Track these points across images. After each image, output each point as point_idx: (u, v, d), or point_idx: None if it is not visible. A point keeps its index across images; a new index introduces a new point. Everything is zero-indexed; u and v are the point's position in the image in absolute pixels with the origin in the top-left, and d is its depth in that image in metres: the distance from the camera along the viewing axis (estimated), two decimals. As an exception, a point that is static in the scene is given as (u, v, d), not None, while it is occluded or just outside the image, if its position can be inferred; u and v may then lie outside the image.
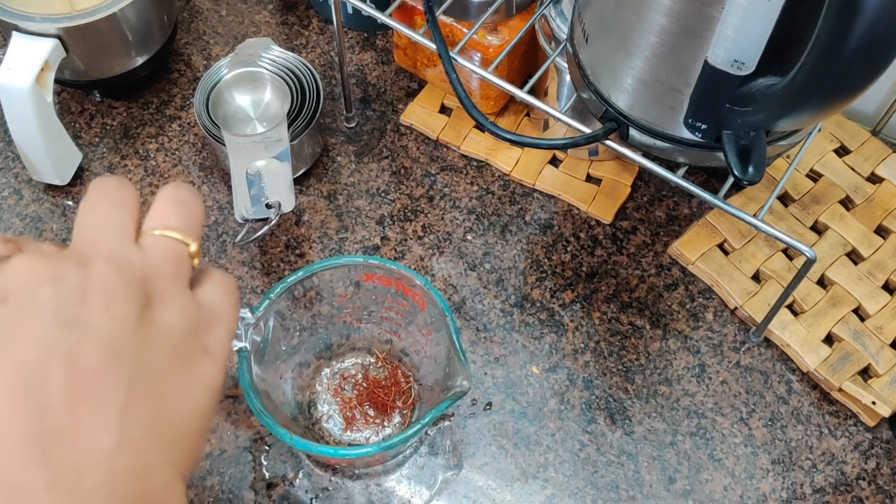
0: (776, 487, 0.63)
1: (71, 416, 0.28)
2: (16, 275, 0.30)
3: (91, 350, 0.29)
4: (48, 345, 0.29)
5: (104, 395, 0.29)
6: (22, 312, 0.29)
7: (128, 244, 0.32)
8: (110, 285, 0.30)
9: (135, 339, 0.30)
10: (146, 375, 0.30)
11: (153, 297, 0.31)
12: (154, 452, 0.30)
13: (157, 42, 0.77)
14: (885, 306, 0.68)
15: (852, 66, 0.41)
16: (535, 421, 0.65)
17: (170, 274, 0.33)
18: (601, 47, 0.54)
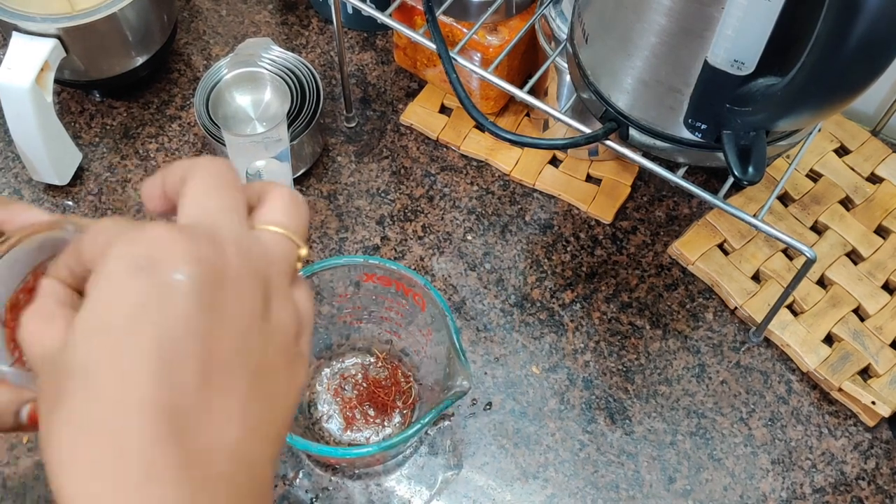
0: (776, 487, 0.63)
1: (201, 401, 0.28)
2: (160, 246, 0.28)
3: (225, 339, 0.29)
4: (189, 323, 0.28)
5: (231, 385, 0.29)
6: (166, 287, 0.28)
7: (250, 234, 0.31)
8: (242, 276, 0.29)
9: (258, 335, 0.30)
10: (264, 372, 0.30)
11: (272, 294, 0.31)
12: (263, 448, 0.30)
13: (157, 42, 0.77)
14: (885, 306, 0.68)
15: (852, 66, 0.41)
16: (535, 421, 0.65)
17: (285, 274, 0.32)
18: (601, 47, 0.54)
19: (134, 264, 0.28)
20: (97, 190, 0.75)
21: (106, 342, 0.28)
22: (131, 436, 0.27)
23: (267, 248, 0.31)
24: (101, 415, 0.27)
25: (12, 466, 0.63)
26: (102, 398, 0.27)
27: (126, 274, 0.28)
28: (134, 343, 0.27)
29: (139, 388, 0.27)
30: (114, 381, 0.27)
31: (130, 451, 0.27)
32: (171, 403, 0.27)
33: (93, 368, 0.28)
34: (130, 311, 0.28)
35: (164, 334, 0.28)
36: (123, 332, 0.28)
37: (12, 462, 0.63)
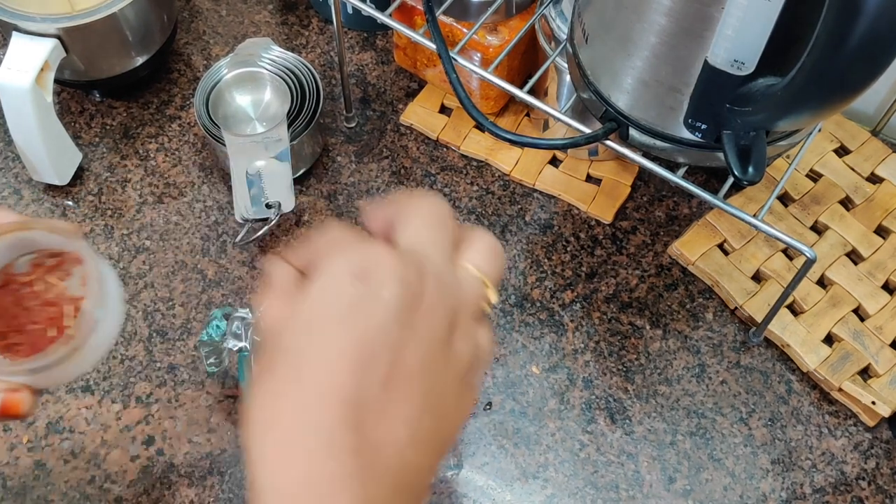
0: (776, 487, 0.63)
1: (382, 401, 0.32)
2: (380, 263, 0.33)
3: (412, 353, 0.32)
4: (386, 334, 0.32)
5: (410, 393, 0.32)
6: (375, 298, 0.32)
7: (451, 271, 0.35)
8: (436, 305, 0.33)
9: (440, 358, 0.34)
10: (437, 391, 0.34)
11: (457, 326, 0.34)
12: (428, 458, 0.34)
13: (156, 42, 0.77)
14: (885, 306, 0.68)
15: (852, 66, 0.41)
16: (535, 421, 0.65)
17: (472, 312, 0.36)
18: (601, 47, 0.54)
19: (354, 272, 0.33)
20: (97, 190, 0.75)
21: (318, 331, 0.32)
22: (321, 414, 0.31)
23: (461, 286, 0.35)
24: (300, 391, 0.31)
25: (12, 466, 0.63)
26: (304, 377, 0.32)
27: (347, 278, 0.33)
28: (341, 337, 0.32)
29: (336, 377, 0.31)
30: (317, 365, 0.32)
31: (318, 426, 0.31)
32: (357, 396, 0.31)
33: (303, 351, 0.32)
34: (344, 311, 0.32)
35: (365, 337, 0.32)
36: (334, 327, 0.32)
37: (12, 462, 0.63)
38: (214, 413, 0.65)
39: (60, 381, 0.45)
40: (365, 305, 0.32)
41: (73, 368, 0.42)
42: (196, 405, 0.66)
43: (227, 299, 0.70)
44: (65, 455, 0.64)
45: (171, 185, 0.76)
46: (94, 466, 0.63)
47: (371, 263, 0.33)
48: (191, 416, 0.65)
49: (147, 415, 0.65)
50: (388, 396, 0.32)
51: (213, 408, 0.65)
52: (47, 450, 0.64)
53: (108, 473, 0.63)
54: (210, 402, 0.66)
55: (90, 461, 0.63)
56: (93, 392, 0.66)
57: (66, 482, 0.63)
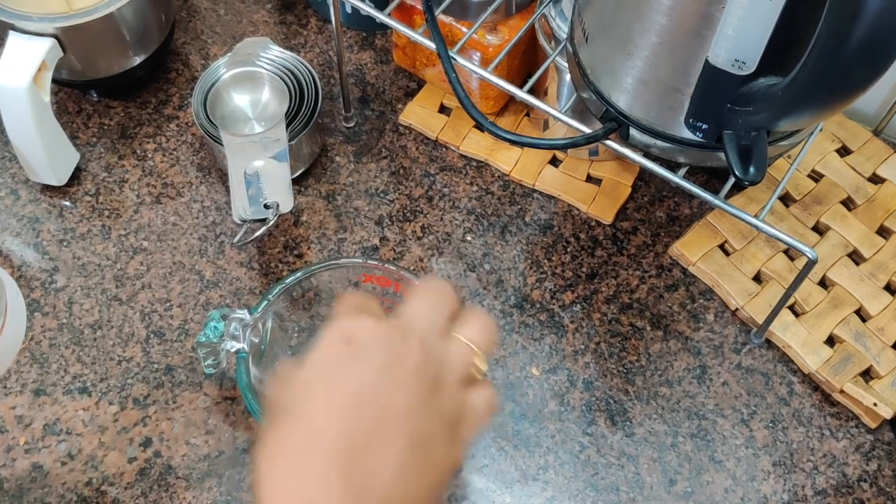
0: (777, 489, 0.63)
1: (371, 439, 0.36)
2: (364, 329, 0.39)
3: (396, 402, 0.38)
4: (369, 389, 0.38)
5: (396, 436, 0.37)
6: (361, 357, 0.38)
7: (438, 337, 0.41)
8: (419, 364, 0.39)
9: (423, 406, 0.38)
10: (423, 435, 0.38)
11: (441, 383, 0.40)
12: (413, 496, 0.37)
13: (154, 42, 0.77)
14: (887, 307, 0.68)
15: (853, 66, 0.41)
16: (534, 422, 0.65)
17: (457, 372, 0.41)
18: (601, 47, 0.54)
19: (342, 337, 0.39)
20: (94, 190, 0.75)
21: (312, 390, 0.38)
22: (316, 460, 0.36)
23: (449, 351, 0.41)
24: (300, 431, 0.37)
25: (9, 468, 0.63)
26: (301, 430, 0.37)
27: (336, 343, 0.39)
28: (329, 394, 0.38)
29: (328, 428, 0.37)
30: (311, 419, 0.37)
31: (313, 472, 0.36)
32: (346, 444, 0.36)
33: (297, 405, 0.38)
34: (333, 367, 0.39)
35: (353, 388, 0.38)
36: (323, 385, 0.38)
37: (9, 464, 0.63)
38: (212, 415, 0.65)
39: None
40: (353, 363, 0.38)
41: None
42: (194, 407, 0.65)
43: (225, 300, 0.70)
44: (62, 457, 0.63)
45: (168, 185, 0.75)
46: (92, 468, 0.63)
47: (359, 330, 0.39)
48: (188, 418, 0.65)
49: (144, 416, 0.65)
50: (374, 443, 0.36)
51: (211, 409, 0.65)
52: (44, 452, 0.63)
53: (105, 475, 0.63)
54: (208, 404, 0.65)
55: (87, 463, 0.63)
56: (90, 394, 0.66)
57: (63, 484, 0.62)
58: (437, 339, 0.41)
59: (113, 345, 0.68)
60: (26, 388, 0.66)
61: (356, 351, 0.39)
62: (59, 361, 0.67)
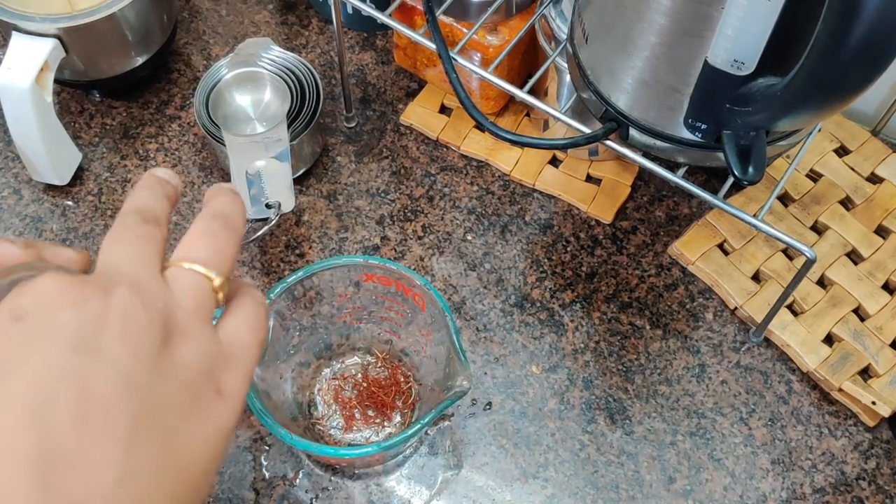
0: (776, 487, 0.63)
1: (75, 445, 0.27)
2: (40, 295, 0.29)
3: (103, 379, 0.28)
4: (60, 369, 0.28)
5: (111, 426, 0.28)
6: (38, 333, 0.28)
7: (152, 275, 0.32)
8: (131, 315, 0.29)
9: (149, 372, 0.29)
10: (155, 411, 0.29)
11: (173, 331, 0.31)
12: (156, 490, 0.29)
13: (156, 42, 0.77)
14: (885, 306, 0.68)
15: (852, 67, 0.41)
16: (535, 421, 0.65)
17: (191, 309, 0.32)
18: (601, 47, 0.54)
19: (12, 314, 0.29)
20: (97, 190, 0.75)
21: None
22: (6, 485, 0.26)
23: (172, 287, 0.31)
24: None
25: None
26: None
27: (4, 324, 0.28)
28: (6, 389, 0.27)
29: (11, 436, 0.27)
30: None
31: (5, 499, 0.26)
32: (41, 451, 0.27)
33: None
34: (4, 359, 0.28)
35: (35, 379, 0.27)
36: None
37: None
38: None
39: None
40: (29, 346, 0.28)
41: None
42: (196, 405, 0.65)
43: (227, 299, 0.70)
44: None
45: (170, 185, 0.76)
46: (94, 466, 0.63)
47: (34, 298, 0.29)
48: (191, 417, 0.65)
49: (147, 415, 0.65)
50: (83, 439, 0.27)
51: None
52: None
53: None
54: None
55: (90, 461, 0.63)
56: (93, 392, 0.66)
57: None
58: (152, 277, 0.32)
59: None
60: (29, 386, 0.66)
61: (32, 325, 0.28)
62: (62, 360, 0.67)
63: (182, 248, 0.33)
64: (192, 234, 0.34)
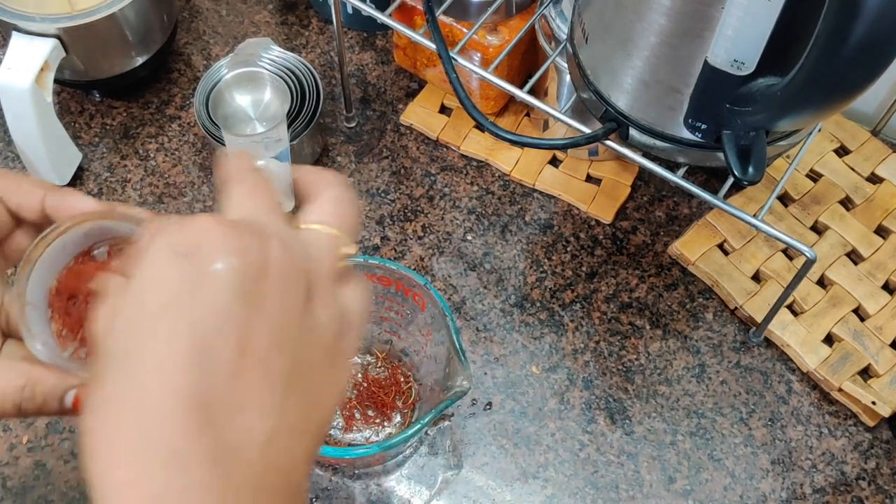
0: (776, 487, 0.63)
1: (232, 394, 0.28)
2: (202, 232, 0.29)
3: (260, 330, 0.28)
4: (224, 315, 0.28)
5: (266, 379, 0.28)
6: (204, 275, 0.28)
7: (293, 234, 0.32)
8: (285, 271, 0.29)
9: (299, 329, 0.30)
10: (302, 368, 0.30)
11: (314, 292, 0.31)
12: (299, 447, 0.30)
13: (156, 42, 0.77)
14: (885, 306, 0.68)
15: (852, 67, 0.41)
16: (535, 421, 0.65)
17: (327, 272, 0.32)
18: (601, 47, 0.54)
19: (175, 251, 0.28)
20: (97, 190, 0.75)
21: (143, 328, 0.28)
22: (160, 424, 0.27)
23: (309, 247, 0.32)
24: (133, 400, 0.27)
25: (12, 467, 0.63)
26: (136, 384, 0.28)
27: (167, 260, 0.28)
28: (169, 330, 0.28)
29: (171, 376, 0.27)
30: (148, 367, 0.28)
31: (159, 438, 0.27)
32: (202, 393, 0.27)
33: (130, 353, 0.28)
34: (168, 297, 0.28)
35: (199, 323, 0.28)
36: (159, 319, 0.28)
37: (12, 462, 0.63)
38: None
39: None
40: (194, 286, 0.28)
41: None
42: (196, 405, 0.65)
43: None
44: (65, 455, 0.64)
45: (170, 185, 0.76)
46: (94, 466, 0.63)
47: (197, 237, 0.29)
48: (191, 417, 0.65)
49: (147, 415, 0.65)
50: (239, 387, 0.28)
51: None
52: (47, 450, 0.64)
53: (107, 473, 0.63)
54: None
55: (90, 461, 0.63)
56: (93, 392, 0.66)
57: (65, 482, 0.62)
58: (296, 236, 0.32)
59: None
60: (29, 386, 0.66)
61: (199, 265, 0.28)
62: (62, 360, 0.67)
63: (315, 211, 0.33)
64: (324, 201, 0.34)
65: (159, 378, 0.27)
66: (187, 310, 0.28)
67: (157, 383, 0.27)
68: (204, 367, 0.27)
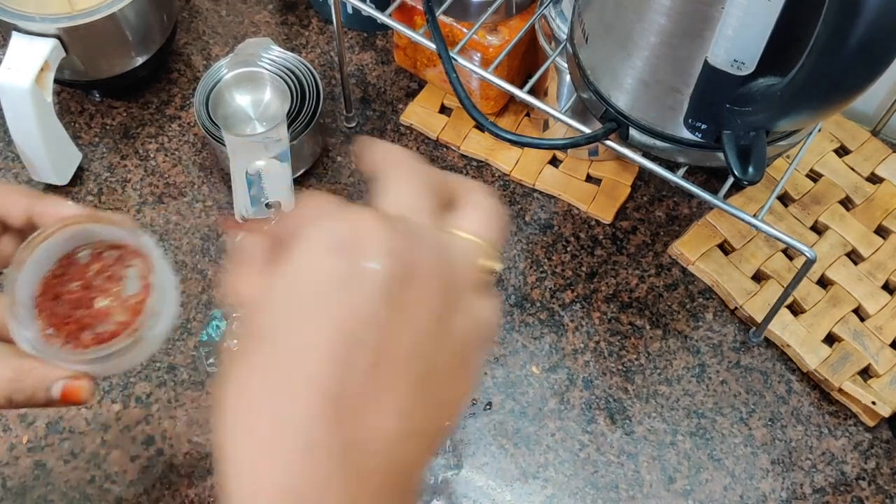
0: (776, 487, 0.63)
1: (368, 393, 0.28)
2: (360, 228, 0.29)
3: (402, 336, 0.29)
4: (370, 316, 0.28)
5: (399, 383, 0.29)
6: (355, 274, 0.29)
7: (444, 239, 0.32)
8: (432, 277, 0.30)
9: (435, 336, 0.30)
10: (432, 375, 0.30)
11: (454, 302, 0.31)
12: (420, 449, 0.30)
13: (156, 42, 0.77)
14: (885, 306, 0.68)
15: (852, 67, 0.41)
16: (535, 421, 0.65)
17: (468, 282, 0.32)
18: (601, 47, 0.54)
19: (334, 243, 0.29)
20: (97, 190, 0.75)
21: (294, 316, 0.29)
22: (301, 411, 0.28)
23: (457, 256, 0.31)
24: (277, 385, 0.28)
25: (12, 466, 0.63)
26: (281, 370, 0.28)
27: (325, 250, 0.29)
28: (318, 319, 0.28)
29: (315, 367, 0.28)
30: (292, 351, 0.28)
31: (297, 425, 0.28)
32: (340, 389, 0.28)
33: (278, 339, 0.29)
34: (322, 287, 0.29)
35: (347, 317, 0.28)
36: (311, 307, 0.29)
37: (12, 462, 0.63)
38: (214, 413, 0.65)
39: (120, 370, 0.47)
40: (348, 282, 0.28)
41: (134, 358, 0.44)
42: (196, 405, 0.66)
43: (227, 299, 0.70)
44: (65, 455, 0.64)
45: (170, 185, 0.76)
46: (95, 467, 0.63)
47: (354, 232, 0.29)
48: (191, 417, 0.65)
49: (147, 415, 0.65)
50: (374, 387, 0.28)
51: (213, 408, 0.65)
52: (47, 450, 0.64)
53: (108, 474, 0.63)
54: (210, 403, 0.66)
55: (90, 461, 0.63)
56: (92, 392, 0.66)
57: (66, 482, 0.62)
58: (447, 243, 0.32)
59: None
60: (29, 386, 0.66)
61: (353, 262, 0.29)
62: (62, 360, 0.67)
63: (467, 219, 0.33)
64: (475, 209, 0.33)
65: (303, 369, 0.28)
66: (336, 305, 0.28)
67: (300, 373, 0.28)
68: (345, 364, 0.28)
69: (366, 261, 0.29)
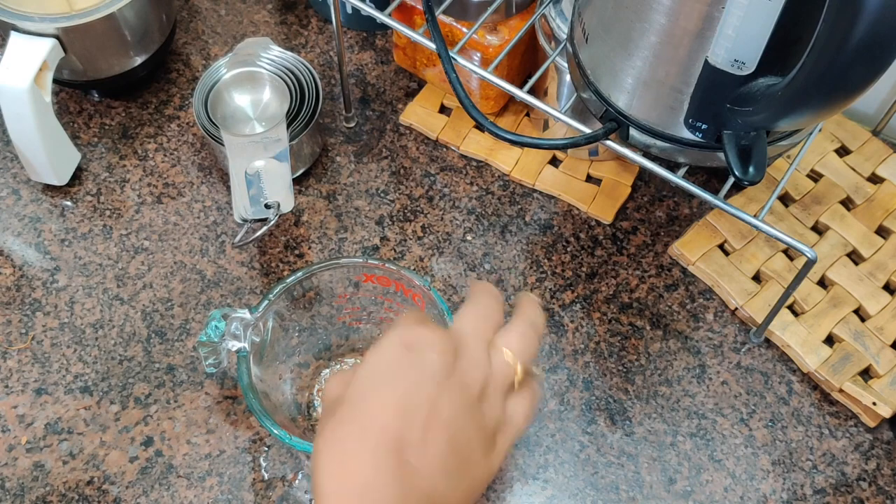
0: (777, 488, 0.63)
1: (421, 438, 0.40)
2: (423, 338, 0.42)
3: (445, 406, 0.41)
4: (425, 390, 0.41)
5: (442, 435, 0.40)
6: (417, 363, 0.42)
7: (485, 351, 0.44)
8: (466, 375, 0.42)
9: (469, 413, 0.42)
10: (465, 438, 0.41)
11: (486, 393, 0.43)
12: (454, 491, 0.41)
13: (155, 42, 0.77)
14: (886, 307, 0.68)
15: (853, 67, 0.41)
16: (534, 421, 0.65)
17: (498, 385, 0.44)
18: (601, 47, 0.54)
19: (403, 342, 0.42)
20: (96, 190, 0.75)
21: (370, 385, 0.41)
22: (371, 450, 0.39)
23: (492, 365, 0.44)
24: (356, 431, 0.40)
25: (10, 467, 0.63)
26: (359, 421, 0.40)
27: (396, 346, 0.42)
28: (389, 388, 0.41)
29: (382, 419, 0.40)
30: (369, 412, 0.40)
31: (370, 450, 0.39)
32: (401, 433, 0.39)
33: (357, 399, 0.41)
34: (392, 369, 0.42)
35: (410, 391, 0.41)
36: (384, 381, 0.41)
37: (10, 463, 0.63)
38: (213, 414, 0.65)
39: None
40: (410, 367, 0.42)
41: None
42: (195, 406, 0.65)
43: (226, 300, 0.70)
44: (63, 456, 0.63)
45: (169, 185, 0.76)
46: (93, 467, 0.63)
47: (418, 337, 0.42)
48: (189, 417, 0.65)
49: (146, 416, 0.65)
50: (426, 435, 0.40)
51: (212, 409, 0.65)
52: (46, 451, 0.64)
53: (106, 474, 0.63)
54: (209, 403, 0.65)
55: (89, 462, 0.63)
56: (91, 393, 0.66)
57: (64, 483, 0.62)
58: (485, 352, 0.44)
59: (114, 344, 0.68)
60: (28, 387, 0.66)
61: (414, 356, 0.42)
62: (61, 361, 0.67)
63: (506, 337, 0.45)
64: (514, 331, 0.46)
65: (377, 417, 0.40)
66: (402, 379, 0.41)
67: (374, 420, 0.40)
68: (405, 418, 0.40)
69: (424, 354, 0.42)
